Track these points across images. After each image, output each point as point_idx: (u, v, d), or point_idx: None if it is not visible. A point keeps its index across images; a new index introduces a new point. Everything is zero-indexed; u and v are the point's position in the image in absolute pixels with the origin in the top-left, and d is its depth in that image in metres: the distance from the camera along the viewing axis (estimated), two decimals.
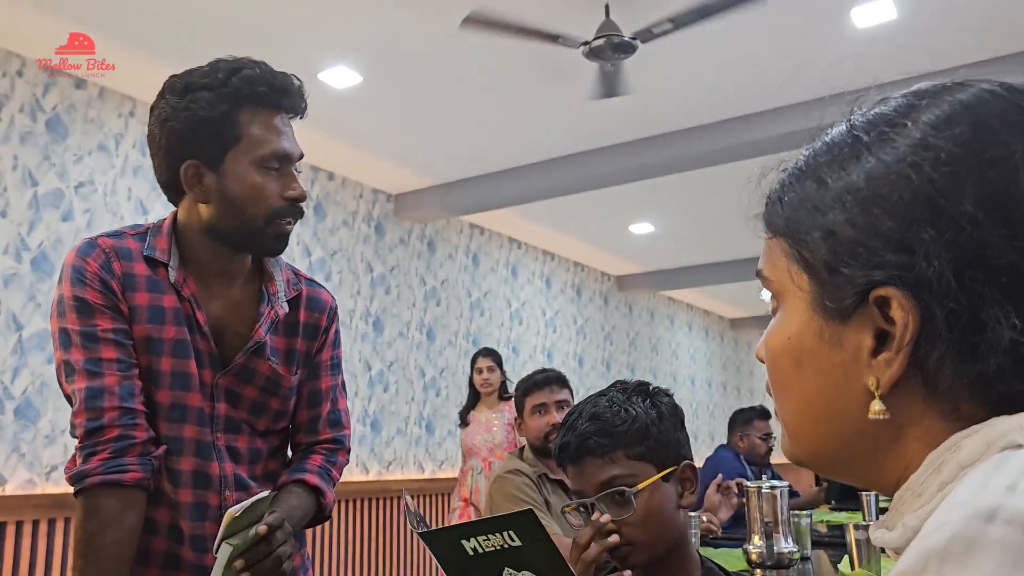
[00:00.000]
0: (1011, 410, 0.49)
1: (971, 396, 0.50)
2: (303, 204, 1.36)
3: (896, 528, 0.51)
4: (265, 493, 1.25)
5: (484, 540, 0.71)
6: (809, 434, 0.57)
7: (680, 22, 3.27)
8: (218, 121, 1.29)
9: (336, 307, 1.53)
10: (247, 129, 1.30)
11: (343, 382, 1.55)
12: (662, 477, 1.20)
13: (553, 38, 3.37)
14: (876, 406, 0.51)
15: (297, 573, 1.48)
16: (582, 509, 1.22)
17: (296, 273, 1.49)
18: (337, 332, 1.53)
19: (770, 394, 0.61)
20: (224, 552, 1.19)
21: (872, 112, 0.55)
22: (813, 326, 0.55)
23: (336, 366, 1.52)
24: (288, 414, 1.46)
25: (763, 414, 4.49)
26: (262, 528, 1.21)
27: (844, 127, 0.56)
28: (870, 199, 0.51)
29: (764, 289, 0.61)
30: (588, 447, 1.21)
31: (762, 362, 0.62)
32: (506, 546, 0.70)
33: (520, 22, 3.30)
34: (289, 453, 1.52)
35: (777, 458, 5.11)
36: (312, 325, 1.47)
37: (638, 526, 1.17)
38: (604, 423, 1.22)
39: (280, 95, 1.33)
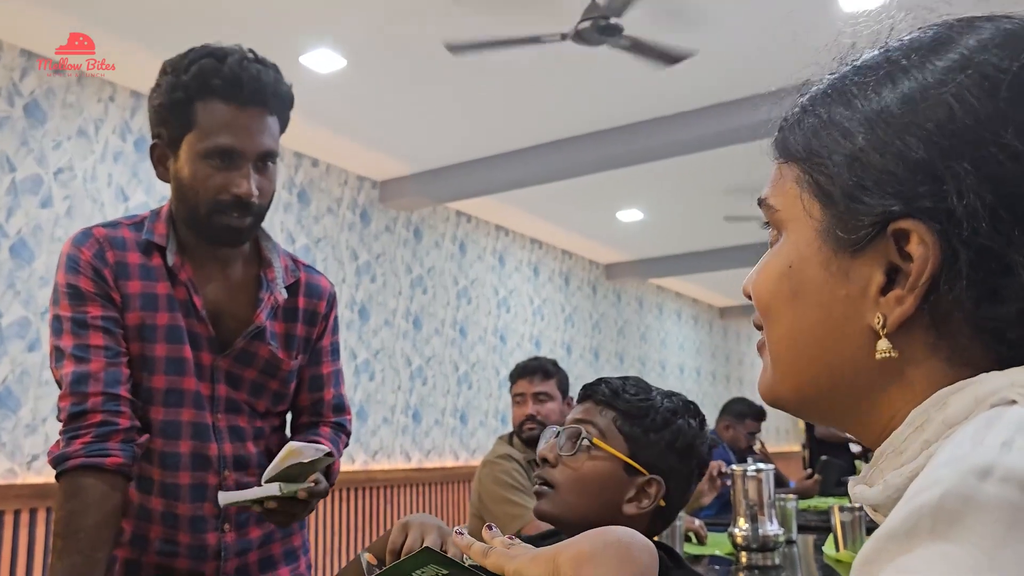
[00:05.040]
0: (1018, 357, 0.46)
1: (978, 340, 0.47)
2: (256, 201, 1.33)
3: (877, 485, 0.49)
4: (329, 449, 1.30)
5: (421, 573, 0.72)
6: (797, 368, 0.54)
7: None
8: (174, 107, 1.32)
9: (335, 293, 1.55)
10: (199, 118, 1.31)
11: (342, 369, 1.58)
12: (625, 466, 1.16)
13: (535, 39, 3.39)
14: (883, 344, 0.49)
15: (297, 553, 1.52)
16: (553, 433, 1.24)
17: (294, 260, 1.51)
18: (336, 319, 1.55)
19: (757, 326, 0.58)
20: (270, 489, 1.24)
21: (909, 37, 0.52)
22: (820, 256, 0.52)
23: (335, 352, 1.55)
24: (288, 397, 1.49)
25: (758, 415, 4.49)
26: (302, 494, 1.28)
27: (877, 52, 0.53)
28: (903, 125, 0.48)
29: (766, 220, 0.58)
30: (595, 390, 1.22)
31: (748, 298, 0.59)
32: (440, 574, 0.71)
33: (499, 37, 3.39)
34: (288, 434, 1.55)
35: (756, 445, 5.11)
36: (311, 311, 1.49)
37: (569, 476, 1.16)
38: (624, 386, 1.23)
39: (234, 89, 1.30)
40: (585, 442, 1.17)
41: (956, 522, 0.37)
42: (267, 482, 1.26)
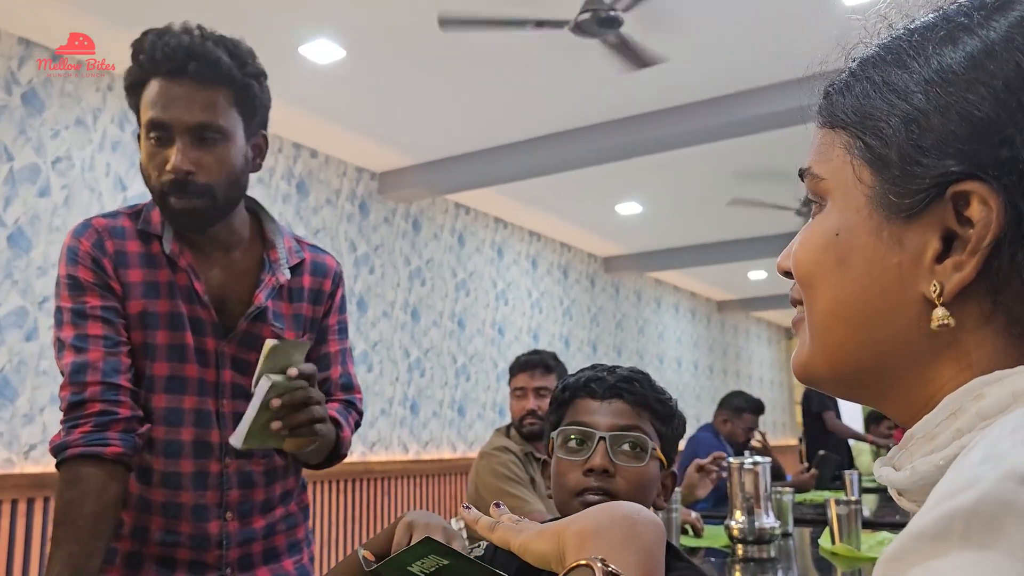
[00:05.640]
0: None
1: None
2: (197, 179, 1.29)
3: (904, 469, 0.48)
4: (304, 340, 1.26)
5: (421, 564, 0.72)
6: (839, 339, 0.52)
7: None
8: (130, 91, 1.34)
9: (341, 272, 1.54)
10: (143, 100, 1.31)
11: (350, 348, 1.56)
12: (660, 464, 1.19)
13: (537, 24, 3.35)
14: (939, 313, 0.47)
15: (300, 545, 1.51)
16: (582, 438, 1.16)
17: (299, 240, 1.50)
18: (343, 297, 1.54)
19: (795, 301, 0.56)
20: (263, 385, 1.20)
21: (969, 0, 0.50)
22: (870, 224, 0.50)
23: (343, 331, 1.54)
24: None
25: (756, 409, 4.48)
26: (292, 371, 1.21)
27: (933, 14, 0.51)
28: (967, 84, 0.46)
29: (810, 190, 0.56)
30: (625, 389, 1.18)
31: (784, 275, 0.57)
32: (441, 565, 0.71)
33: (497, 16, 3.30)
34: None
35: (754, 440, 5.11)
36: (316, 290, 1.48)
37: (629, 484, 1.13)
38: (648, 382, 1.21)
39: (154, 62, 1.29)
40: (650, 452, 1.15)
41: (993, 528, 0.35)
42: (255, 386, 1.23)
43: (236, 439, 1.22)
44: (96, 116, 3.91)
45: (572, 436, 1.17)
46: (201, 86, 1.29)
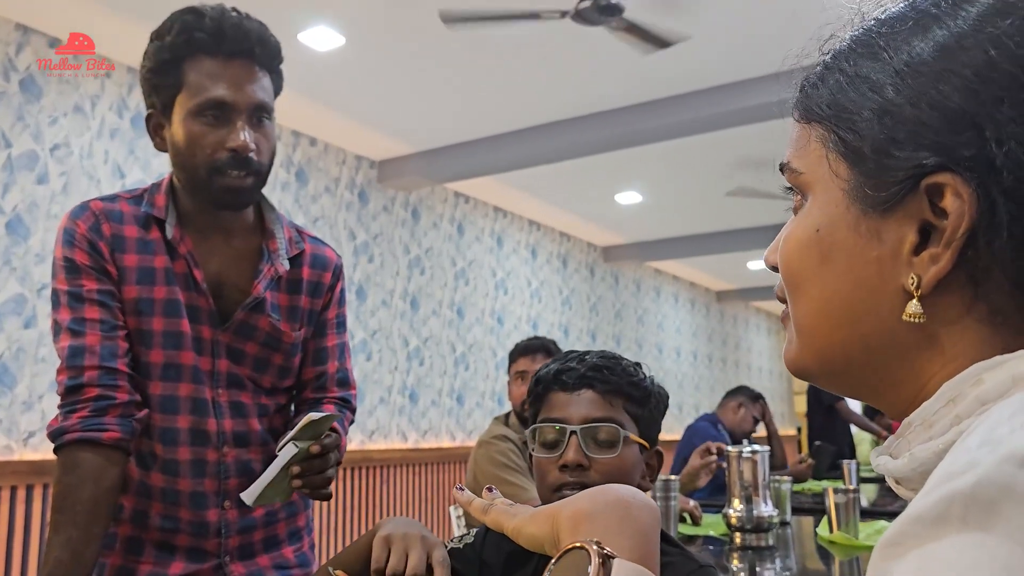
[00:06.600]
0: None
1: (1018, 296, 0.46)
2: (255, 157, 1.31)
3: (902, 457, 0.48)
4: (333, 413, 1.29)
5: None
6: (825, 336, 0.52)
7: None
8: (162, 70, 1.31)
9: (341, 265, 1.53)
10: (187, 77, 1.30)
11: (348, 342, 1.55)
12: (640, 447, 1.17)
13: (534, 16, 3.34)
14: (912, 307, 0.47)
15: (301, 533, 1.54)
16: (555, 434, 1.15)
17: (299, 231, 1.49)
18: (342, 291, 1.53)
19: (780, 299, 0.56)
20: (288, 451, 1.24)
21: None
22: (848, 218, 0.50)
23: (342, 324, 1.53)
24: (293, 371, 1.47)
25: (759, 397, 4.58)
26: (315, 448, 1.26)
27: (902, 3, 0.51)
28: (938, 74, 0.46)
29: (791, 186, 0.56)
30: (593, 379, 1.16)
31: (772, 269, 0.57)
32: None
33: (496, 11, 3.31)
34: (292, 410, 1.53)
35: (757, 432, 5.14)
36: (315, 283, 1.47)
37: (604, 476, 1.12)
38: (620, 367, 1.19)
39: (217, 40, 1.29)
40: (624, 440, 1.14)
41: (992, 511, 0.35)
42: (280, 449, 1.25)
43: (249, 496, 1.24)
44: (94, 103, 3.89)
45: (545, 432, 1.17)
46: (260, 69, 1.33)
